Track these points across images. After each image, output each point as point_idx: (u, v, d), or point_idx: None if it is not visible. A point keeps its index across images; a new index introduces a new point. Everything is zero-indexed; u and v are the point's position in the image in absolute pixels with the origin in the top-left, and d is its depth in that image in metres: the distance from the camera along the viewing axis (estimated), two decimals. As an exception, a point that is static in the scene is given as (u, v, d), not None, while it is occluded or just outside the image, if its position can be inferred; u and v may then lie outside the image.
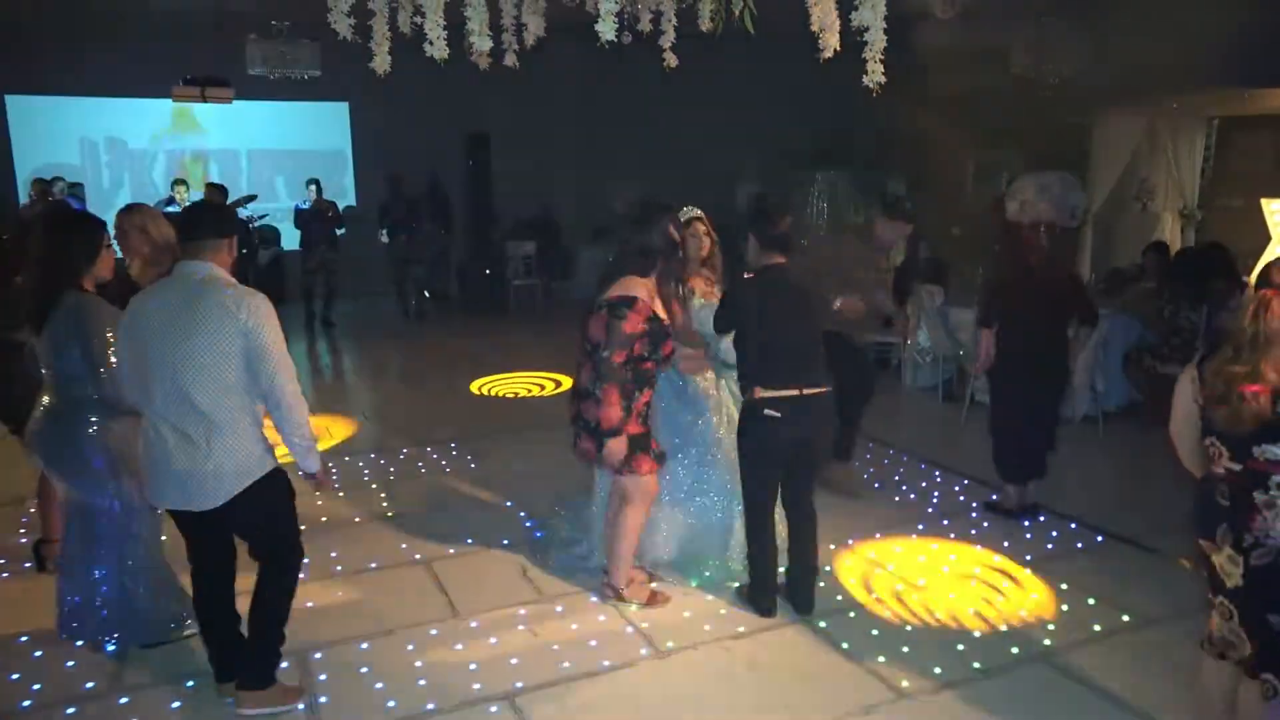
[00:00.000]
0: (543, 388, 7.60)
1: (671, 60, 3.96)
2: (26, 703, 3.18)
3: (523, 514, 4.81)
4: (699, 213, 4.20)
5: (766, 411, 3.54)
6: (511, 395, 7.38)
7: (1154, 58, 7.72)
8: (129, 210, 3.87)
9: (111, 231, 3.61)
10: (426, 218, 11.45)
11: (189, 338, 2.74)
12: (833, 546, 4.30)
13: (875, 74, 3.25)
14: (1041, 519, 4.77)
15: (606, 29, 3.07)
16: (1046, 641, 3.57)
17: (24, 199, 10.68)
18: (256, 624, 3.04)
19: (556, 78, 11.16)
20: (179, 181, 10.21)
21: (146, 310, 2.85)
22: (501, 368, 8.10)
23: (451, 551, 4.38)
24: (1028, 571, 4.18)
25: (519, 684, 3.27)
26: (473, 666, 3.38)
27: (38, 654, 3.46)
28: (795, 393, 3.55)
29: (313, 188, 10.83)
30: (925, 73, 9.45)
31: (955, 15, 8.31)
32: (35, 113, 11.73)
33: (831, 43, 3.37)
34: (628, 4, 3.72)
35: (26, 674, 3.34)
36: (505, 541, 4.45)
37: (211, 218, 3.03)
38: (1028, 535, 4.59)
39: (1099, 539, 4.55)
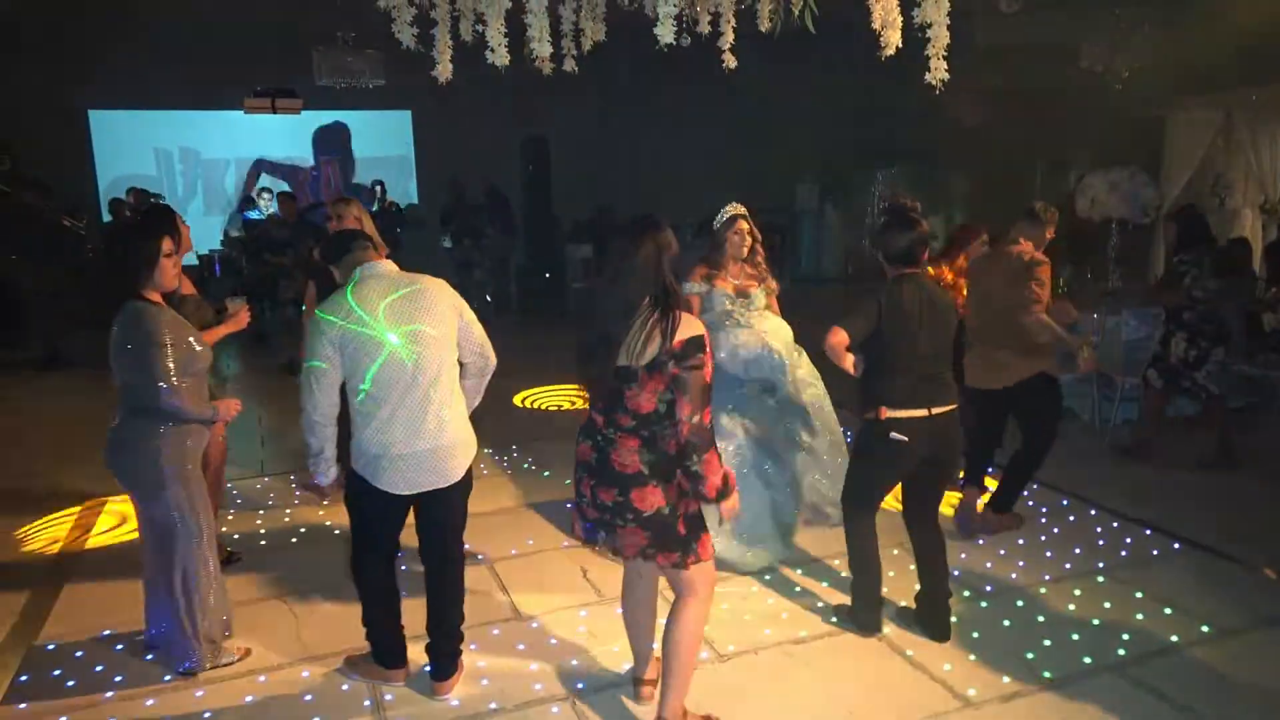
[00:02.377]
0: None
1: (730, 62, 3.95)
2: (110, 694, 3.30)
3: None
4: (742, 210, 4.22)
5: (893, 435, 3.35)
6: (555, 408, 7.29)
7: (1231, 48, 7.45)
8: (347, 201, 4.44)
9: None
10: (488, 222, 11.63)
11: (428, 321, 2.99)
12: (895, 551, 4.23)
13: (939, 71, 3.20)
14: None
15: (665, 32, 3.07)
16: (1120, 652, 3.46)
17: (105, 209, 11.16)
18: (454, 614, 3.25)
19: (613, 80, 11.23)
20: (265, 190, 10.66)
21: (373, 305, 2.96)
22: (556, 377, 7.98)
23: (513, 552, 4.43)
24: (1101, 579, 4.06)
25: (580, 684, 3.29)
26: (534, 667, 3.41)
27: (119, 647, 3.60)
28: (924, 414, 3.35)
29: (378, 188, 11.09)
30: (990, 68, 9.26)
31: (1019, 9, 8.14)
32: (114, 126, 12.24)
33: (894, 40, 3.33)
34: (686, 6, 3.71)
35: (110, 666, 3.47)
36: (565, 543, 4.48)
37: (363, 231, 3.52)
38: (1100, 542, 4.46)
39: (1176, 546, 4.40)
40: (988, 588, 3.99)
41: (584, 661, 3.44)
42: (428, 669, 3.28)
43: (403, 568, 4.27)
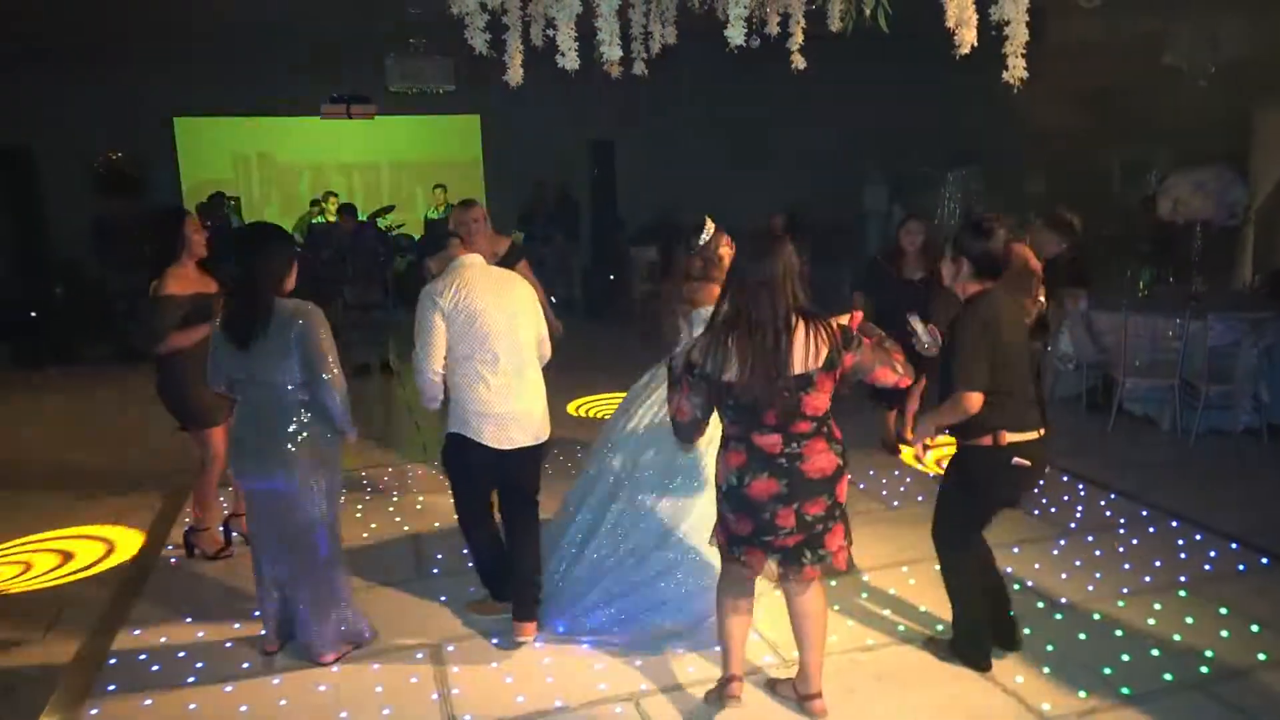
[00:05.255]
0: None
1: (799, 62, 3.92)
2: (191, 679, 3.43)
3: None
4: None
5: (1016, 460, 3.11)
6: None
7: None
8: (471, 204, 4.81)
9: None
10: (556, 226, 11.75)
11: (516, 305, 3.50)
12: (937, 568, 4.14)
13: (1016, 69, 3.13)
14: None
15: (735, 34, 3.06)
16: (1203, 669, 3.33)
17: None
18: (533, 562, 3.64)
19: (679, 83, 11.20)
20: (330, 194, 10.89)
21: (479, 289, 3.43)
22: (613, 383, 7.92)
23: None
24: (1183, 593, 3.92)
25: (643, 686, 3.30)
26: (598, 666, 3.43)
27: (200, 634, 3.74)
28: (1038, 435, 3.16)
29: (439, 192, 11.24)
30: (1068, 66, 9.01)
31: (1100, 3, 7.89)
32: (197, 132, 12.71)
33: (968, 38, 3.26)
34: (756, 7, 3.69)
35: (191, 652, 3.61)
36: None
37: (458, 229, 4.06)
38: (1182, 555, 4.30)
39: (1264, 560, 4.21)
40: (1062, 600, 3.88)
41: (648, 662, 3.44)
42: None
43: (435, 570, 4.36)
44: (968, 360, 3.04)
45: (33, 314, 9.50)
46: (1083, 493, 5.12)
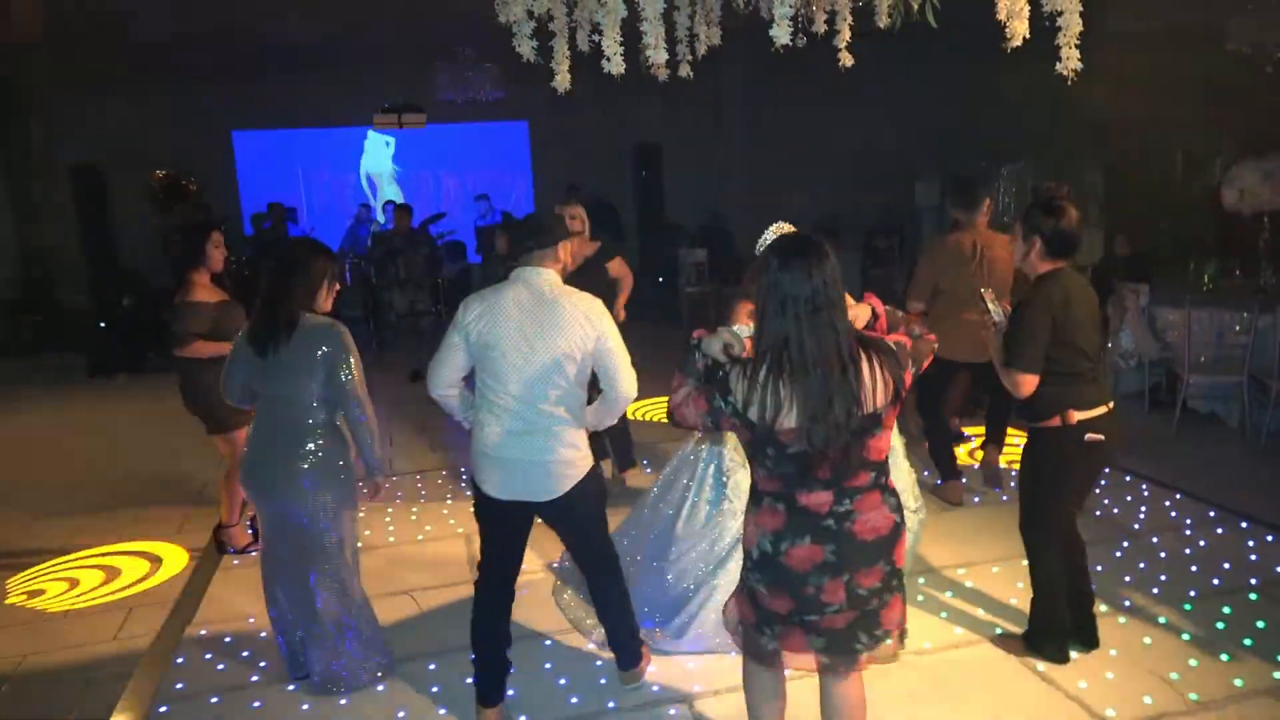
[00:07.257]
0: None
1: (847, 60, 3.88)
2: (255, 678, 3.52)
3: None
4: (789, 229, 3.27)
5: (1089, 436, 3.12)
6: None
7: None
8: (564, 204, 4.82)
9: None
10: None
11: (551, 337, 2.86)
12: (1025, 561, 4.05)
13: (1071, 60, 3.06)
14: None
15: (781, 34, 3.03)
16: (1276, 675, 3.22)
17: (248, 226, 11.90)
18: (623, 614, 3.26)
19: (726, 84, 11.18)
20: (388, 202, 11.11)
21: (505, 309, 2.91)
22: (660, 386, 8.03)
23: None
24: (1254, 596, 3.79)
25: (697, 687, 3.30)
26: (652, 668, 3.43)
27: (263, 635, 3.83)
28: (1107, 409, 3.18)
29: (482, 204, 11.37)
30: (1125, 55, 8.77)
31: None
32: (255, 145, 13.06)
33: (1019, 31, 3.20)
34: (802, 6, 3.67)
35: (254, 652, 3.70)
36: (681, 546, 4.49)
37: (544, 226, 3.09)
38: (1253, 557, 4.16)
39: (1341, 564, 4.06)
40: (1126, 604, 3.78)
41: (701, 666, 3.45)
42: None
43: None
44: (1024, 340, 3.12)
45: (102, 324, 9.82)
46: (1146, 493, 4.99)
